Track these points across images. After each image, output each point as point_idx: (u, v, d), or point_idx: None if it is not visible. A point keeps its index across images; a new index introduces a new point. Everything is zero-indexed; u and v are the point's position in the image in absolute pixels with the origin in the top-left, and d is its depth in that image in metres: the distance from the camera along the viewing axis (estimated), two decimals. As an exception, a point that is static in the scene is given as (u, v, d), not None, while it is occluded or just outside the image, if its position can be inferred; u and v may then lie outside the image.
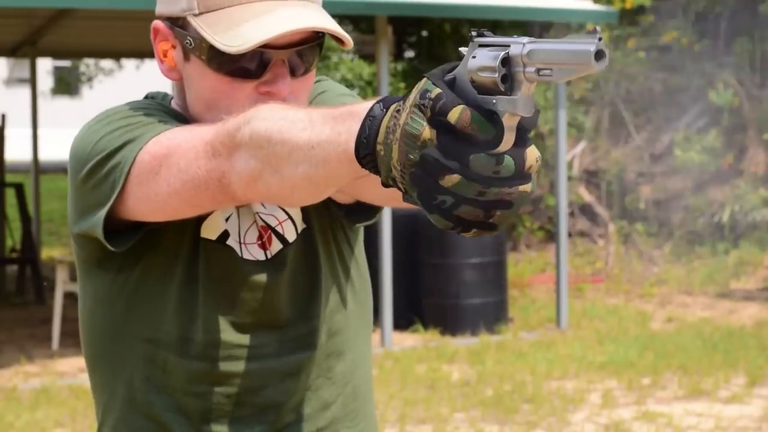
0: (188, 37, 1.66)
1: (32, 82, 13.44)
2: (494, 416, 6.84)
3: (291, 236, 1.81)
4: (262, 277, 1.78)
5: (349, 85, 14.77)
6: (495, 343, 8.88)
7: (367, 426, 1.90)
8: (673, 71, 13.76)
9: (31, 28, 11.71)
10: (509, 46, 1.23)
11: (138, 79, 28.78)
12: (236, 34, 1.61)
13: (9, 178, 12.66)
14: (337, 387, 1.85)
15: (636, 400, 7.20)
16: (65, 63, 29.91)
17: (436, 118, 1.22)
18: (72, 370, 8.13)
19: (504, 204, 1.24)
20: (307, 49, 1.67)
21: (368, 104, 1.33)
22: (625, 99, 13.80)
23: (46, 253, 14.08)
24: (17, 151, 21.08)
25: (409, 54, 16.11)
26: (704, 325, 9.70)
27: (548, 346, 8.82)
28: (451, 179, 1.21)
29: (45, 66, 29.22)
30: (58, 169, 19.98)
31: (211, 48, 1.64)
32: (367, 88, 14.36)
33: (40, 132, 13.91)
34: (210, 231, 1.76)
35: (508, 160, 1.22)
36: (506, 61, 1.22)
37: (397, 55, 15.43)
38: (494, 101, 1.23)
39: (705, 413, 6.89)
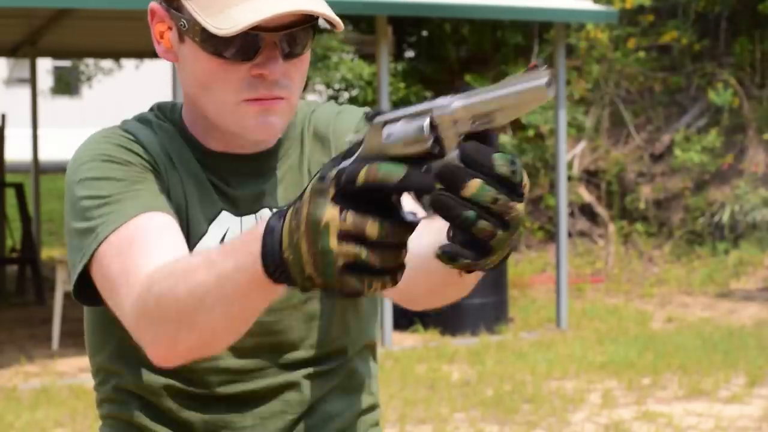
0: (182, 19, 1.66)
1: (32, 82, 13.45)
2: (494, 416, 6.84)
3: None
4: None
5: (349, 85, 14.77)
6: (495, 343, 8.88)
7: None
8: (673, 71, 13.76)
9: (31, 28, 11.71)
10: (430, 110, 1.20)
11: (137, 78, 28.78)
12: (226, 17, 1.61)
13: (9, 178, 12.67)
14: (341, 402, 1.85)
15: (636, 400, 7.20)
16: (65, 63, 29.90)
17: (345, 190, 1.21)
18: (72, 370, 8.13)
19: (504, 222, 1.22)
20: (299, 31, 1.66)
21: (263, 224, 1.33)
22: (625, 99, 13.80)
23: (46, 253, 14.09)
24: (17, 151, 21.10)
25: (409, 54, 16.11)
26: (704, 325, 9.70)
27: (548, 346, 8.82)
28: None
29: (45, 66, 29.22)
30: (58, 169, 19.97)
31: (204, 30, 1.64)
32: (367, 88, 14.36)
33: (40, 132, 13.93)
34: None
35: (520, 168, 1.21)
36: (433, 127, 1.20)
37: (397, 55, 15.42)
38: (424, 168, 1.21)
39: (705, 413, 6.88)
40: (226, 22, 1.60)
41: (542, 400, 7.12)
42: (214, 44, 1.64)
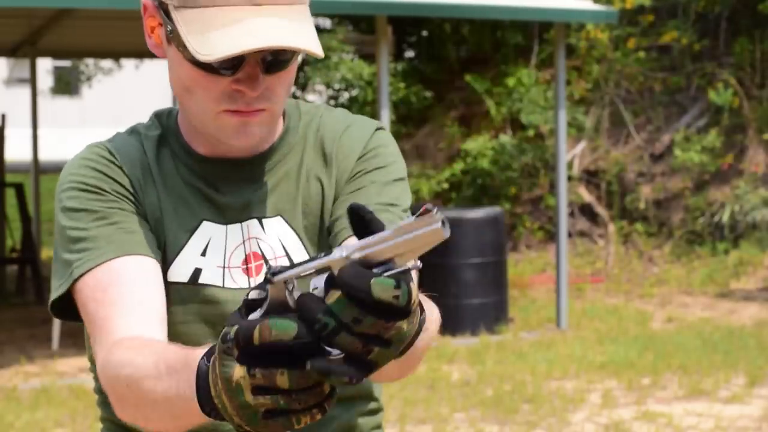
0: (169, 25, 1.66)
1: (32, 82, 13.46)
2: (494, 416, 6.84)
3: None
4: None
5: (349, 85, 14.77)
6: (495, 343, 8.88)
7: None
8: (673, 71, 13.76)
9: (31, 28, 11.72)
10: (329, 267, 1.19)
11: (137, 79, 28.78)
12: (205, 40, 1.60)
13: (9, 178, 12.67)
14: (342, 406, 1.84)
15: (636, 400, 7.20)
16: (65, 63, 29.90)
17: (245, 350, 1.20)
18: (72, 370, 8.14)
19: (381, 341, 1.17)
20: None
21: (201, 352, 1.33)
22: (625, 99, 13.80)
23: (46, 253, 14.08)
24: (17, 151, 21.10)
25: (409, 54, 16.11)
26: (704, 325, 9.70)
27: (548, 346, 8.82)
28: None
29: (45, 66, 29.22)
30: (58, 169, 19.93)
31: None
32: (367, 88, 14.36)
33: (40, 132, 13.93)
34: (179, 274, 1.75)
35: (405, 287, 1.15)
36: (331, 281, 1.19)
37: (397, 55, 15.42)
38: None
39: (705, 413, 6.88)
40: (204, 47, 1.59)
41: (542, 400, 7.13)
42: (196, 58, 1.64)
